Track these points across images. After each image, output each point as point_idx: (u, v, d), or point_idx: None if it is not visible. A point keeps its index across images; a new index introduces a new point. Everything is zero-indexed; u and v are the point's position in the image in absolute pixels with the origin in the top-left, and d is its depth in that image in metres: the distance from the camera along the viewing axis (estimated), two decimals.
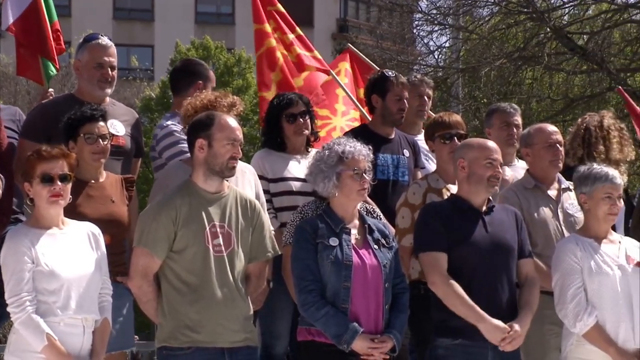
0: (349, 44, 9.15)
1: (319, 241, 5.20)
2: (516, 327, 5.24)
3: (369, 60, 8.71)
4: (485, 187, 5.41)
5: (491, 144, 5.54)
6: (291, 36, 8.00)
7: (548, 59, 17.92)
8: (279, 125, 6.47)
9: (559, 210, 6.02)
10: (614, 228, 5.76)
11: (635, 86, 19.55)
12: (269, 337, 6.41)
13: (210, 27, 40.39)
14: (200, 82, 6.71)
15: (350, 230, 5.29)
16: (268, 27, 7.91)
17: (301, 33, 8.20)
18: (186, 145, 5.49)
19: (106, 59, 6.40)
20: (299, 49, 7.95)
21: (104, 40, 6.45)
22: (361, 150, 5.31)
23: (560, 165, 6.12)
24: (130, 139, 6.39)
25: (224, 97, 5.77)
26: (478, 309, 5.20)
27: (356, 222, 5.36)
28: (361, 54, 8.78)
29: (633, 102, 8.93)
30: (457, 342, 5.28)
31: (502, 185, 5.92)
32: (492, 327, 5.21)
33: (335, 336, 5.10)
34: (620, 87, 11.57)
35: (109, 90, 6.42)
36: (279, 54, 7.84)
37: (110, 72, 6.40)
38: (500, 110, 6.87)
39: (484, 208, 5.44)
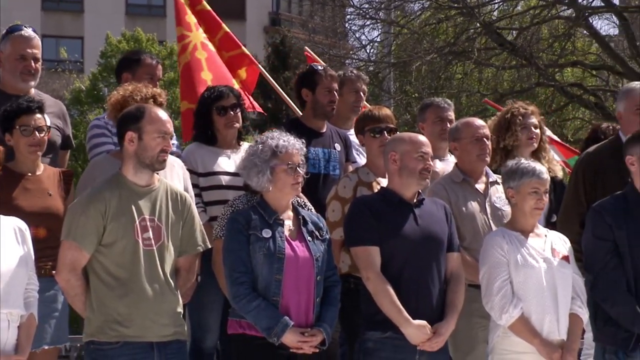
0: None
1: (251, 233, 5.19)
2: (440, 330, 5.30)
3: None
4: (417, 180, 5.45)
5: (422, 137, 5.58)
6: (217, 37, 8.00)
7: (478, 54, 18.11)
8: (210, 118, 6.46)
9: (486, 204, 6.08)
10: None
11: (563, 81, 19.85)
12: (199, 330, 6.39)
13: (141, 19, 40.04)
14: (127, 73, 6.69)
15: (283, 221, 5.28)
16: (188, 32, 7.88)
17: (227, 30, 8.18)
18: (104, 139, 5.46)
19: (29, 50, 6.32)
20: (226, 52, 7.97)
21: (27, 31, 6.37)
22: (295, 144, 5.31)
23: (488, 159, 6.18)
24: (57, 131, 6.33)
25: (142, 89, 5.74)
26: (404, 312, 5.24)
27: (290, 213, 5.36)
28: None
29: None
30: (386, 336, 5.31)
31: (433, 177, 5.98)
32: (415, 330, 5.25)
33: (266, 329, 5.10)
34: (486, 99, 11.72)
35: (32, 83, 6.34)
36: (202, 62, 7.79)
37: (33, 64, 6.31)
38: (434, 105, 6.91)
39: (414, 201, 5.48)
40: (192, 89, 7.63)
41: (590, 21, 19.36)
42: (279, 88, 8.21)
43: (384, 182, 5.94)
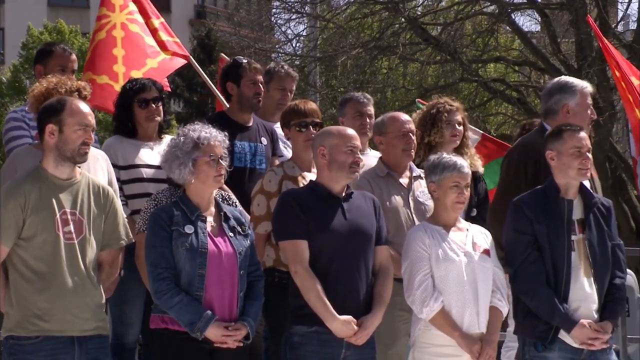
0: None
1: (174, 228, 5.17)
2: (366, 324, 5.32)
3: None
4: (346, 173, 5.45)
5: (351, 131, 5.58)
6: (157, 22, 7.94)
7: (403, 49, 18.22)
8: (131, 110, 6.40)
9: (410, 198, 6.12)
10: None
11: (486, 77, 20.07)
12: (120, 325, 6.34)
13: (64, 11, 39.50)
14: (40, 65, 6.62)
15: (205, 217, 5.27)
16: (110, 12, 7.82)
17: (162, 20, 8.14)
18: (20, 132, 5.39)
19: None
20: (164, 36, 7.91)
21: None
22: (217, 137, 5.29)
23: (413, 154, 6.22)
24: None
25: (66, 82, 5.67)
26: (330, 307, 5.25)
27: (212, 209, 5.34)
28: None
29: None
30: (312, 330, 5.31)
31: None
32: (340, 325, 5.27)
33: (189, 324, 5.08)
34: (419, 99, 11.88)
35: None
36: (118, 40, 7.74)
37: None
38: (353, 99, 6.92)
39: (343, 195, 5.48)
40: (100, 62, 7.59)
41: (513, 17, 19.61)
42: (208, 80, 8.16)
43: (309, 176, 5.95)
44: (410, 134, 6.17)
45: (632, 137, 8.33)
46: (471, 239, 5.62)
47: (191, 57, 8.20)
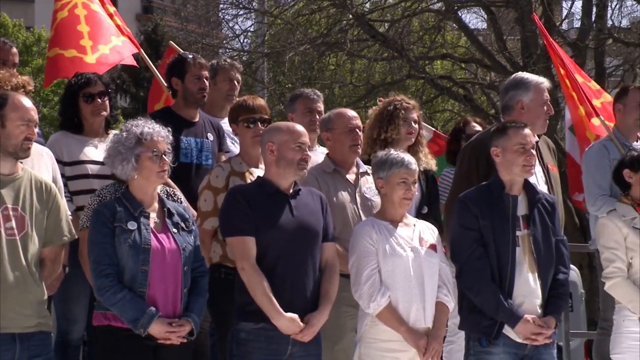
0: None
1: (116, 225, 5.13)
2: (312, 321, 5.32)
3: None
4: (294, 170, 5.44)
5: (299, 127, 5.57)
6: (112, 9, 7.90)
7: (350, 46, 18.25)
8: (76, 105, 6.34)
9: (357, 194, 6.13)
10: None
11: (433, 74, 20.18)
12: (65, 322, 6.29)
13: (7, 4, 38.87)
14: None
15: (149, 214, 5.23)
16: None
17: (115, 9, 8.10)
18: None
19: None
20: (119, 20, 7.87)
21: None
22: (160, 132, 5.26)
23: (359, 150, 6.23)
24: None
25: (11, 78, 5.61)
26: (276, 304, 5.24)
27: (156, 205, 5.31)
28: None
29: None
30: (259, 327, 5.30)
31: None
32: (286, 322, 5.26)
33: (132, 320, 5.05)
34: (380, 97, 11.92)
35: None
36: (81, 17, 7.69)
37: None
38: (303, 96, 6.92)
39: (291, 191, 5.48)
40: (66, 38, 7.53)
41: (460, 15, 19.74)
42: (158, 74, 8.09)
43: (257, 172, 5.93)
44: (357, 130, 6.18)
45: (568, 133, 8.43)
46: (418, 234, 5.65)
47: (141, 49, 8.14)
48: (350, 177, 6.18)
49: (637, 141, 7.25)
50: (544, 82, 6.37)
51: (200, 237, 5.51)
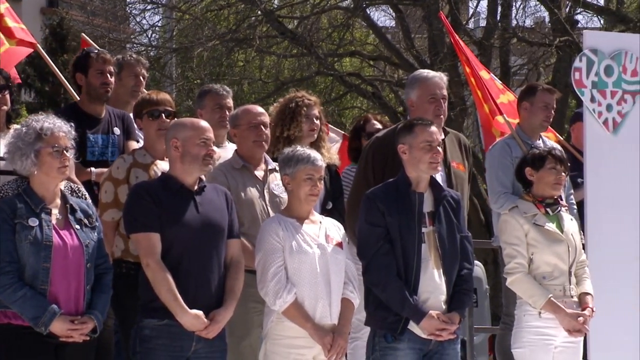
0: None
1: (17, 221, 5.05)
2: (217, 318, 5.31)
3: None
4: (199, 166, 5.41)
5: (204, 123, 5.55)
6: (2, 7, 7.73)
7: (259, 42, 18.22)
8: None
9: (265, 191, 6.13)
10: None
11: (342, 71, 20.26)
12: None
13: None
14: None
15: (50, 210, 5.15)
16: None
17: (8, 5, 7.92)
18: None
19: None
20: (10, 22, 7.70)
21: None
22: (61, 127, 5.19)
23: (265, 145, 6.23)
24: None
25: None
26: (181, 300, 5.21)
27: (58, 201, 5.23)
28: None
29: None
30: (163, 323, 5.26)
31: None
32: (190, 319, 5.24)
33: (33, 318, 4.97)
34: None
35: None
36: None
37: None
38: (212, 92, 6.89)
39: (196, 188, 5.45)
40: None
41: (368, 12, 19.86)
42: (57, 71, 7.98)
43: (161, 164, 5.89)
44: (262, 126, 6.17)
45: (482, 131, 8.54)
46: (324, 231, 5.67)
47: (39, 45, 8.00)
48: (259, 173, 6.17)
49: (539, 140, 7.37)
50: (434, 77, 6.47)
51: (102, 230, 5.45)
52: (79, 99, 6.95)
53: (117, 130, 6.74)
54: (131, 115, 6.73)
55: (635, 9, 20.09)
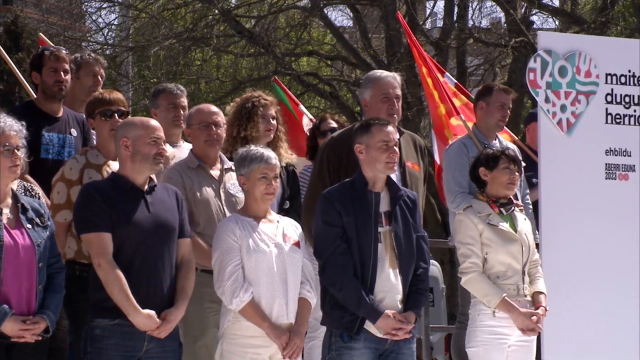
0: None
1: None
2: (169, 317, 5.28)
3: None
4: (150, 165, 5.38)
5: (154, 122, 5.52)
6: None
7: (216, 41, 18.17)
8: None
9: (221, 190, 6.12)
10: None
11: (299, 70, 20.27)
12: None
13: None
14: None
15: (1, 209, 5.10)
16: None
17: None
18: None
19: None
20: None
21: None
22: (12, 126, 5.14)
23: (217, 145, 6.20)
24: None
25: None
26: (133, 300, 5.18)
27: (9, 201, 5.18)
28: None
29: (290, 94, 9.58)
30: (114, 323, 5.23)
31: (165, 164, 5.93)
32: (142, 319, 5.21)
33: None
34: (275, 77, 12.11)
35: None
36: None
37: None
38: (166, 91, 6.88)
39: (146, 187, 5.42)
40: None
41: (325, 12, 19.88)
42: (15, 67, 7.89)
43: (114, 165, 5.85)
44: (214, 126, 6.15)
45: (434, 132, 8.60)
46: (282, 230, 5.66)
47: None
48: (215, 172, 6.16)
49: (495, 140, 7.41)
50: (386, 77, 6.51)
51: (55, 231, 5.40)
52: (35, 97, 6.89)
53: (74, 132, 6.68)
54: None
55: (589, 10, 20.29)
